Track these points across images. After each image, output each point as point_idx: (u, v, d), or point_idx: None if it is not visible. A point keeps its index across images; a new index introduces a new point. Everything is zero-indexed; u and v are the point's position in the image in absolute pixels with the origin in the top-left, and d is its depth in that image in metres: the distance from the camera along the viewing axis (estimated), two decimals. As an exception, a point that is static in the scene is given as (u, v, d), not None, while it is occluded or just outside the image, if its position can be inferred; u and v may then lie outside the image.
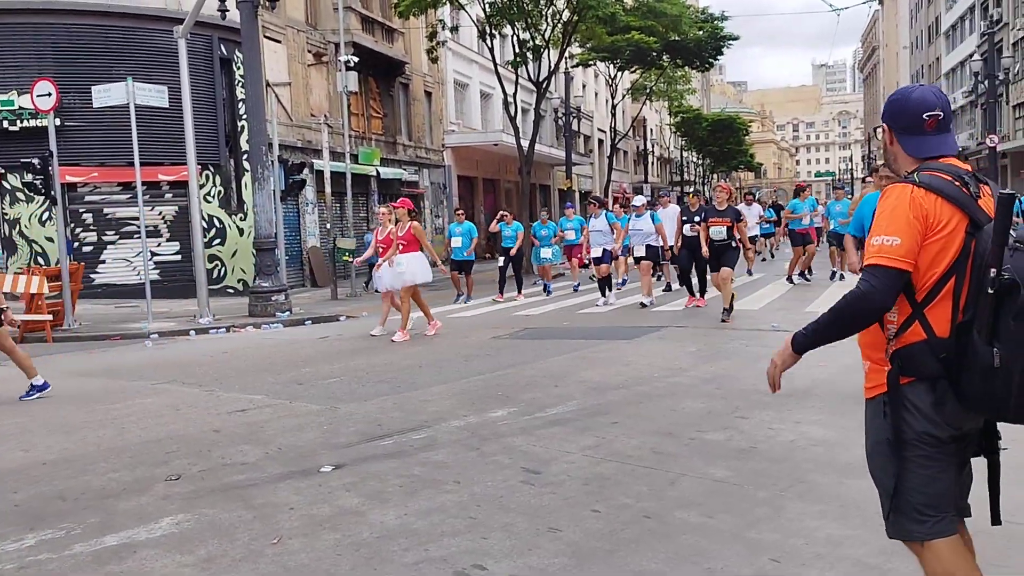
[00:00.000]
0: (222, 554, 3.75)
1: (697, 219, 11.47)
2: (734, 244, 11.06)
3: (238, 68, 19.41)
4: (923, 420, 2.27)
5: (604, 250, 13.80)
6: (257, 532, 4.01)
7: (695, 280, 12.79)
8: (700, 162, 77.31)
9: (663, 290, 15.55)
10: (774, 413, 5.91)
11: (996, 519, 2.41)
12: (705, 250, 11.14)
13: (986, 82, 33.22)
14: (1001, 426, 2.42)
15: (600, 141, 51.56)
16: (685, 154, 71.39)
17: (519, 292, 16.12)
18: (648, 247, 13.40)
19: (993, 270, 2.10)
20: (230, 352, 10.58)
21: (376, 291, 12.15)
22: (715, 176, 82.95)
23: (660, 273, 17.19)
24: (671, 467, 4.78)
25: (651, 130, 64.15)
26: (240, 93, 19.37)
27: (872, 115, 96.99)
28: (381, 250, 11.41)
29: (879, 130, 2.58)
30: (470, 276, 16.05)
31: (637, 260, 13.62)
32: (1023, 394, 2.09)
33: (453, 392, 7.23)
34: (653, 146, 64.25)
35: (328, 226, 20.56)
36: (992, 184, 2.35)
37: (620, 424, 5.83)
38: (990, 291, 2.10)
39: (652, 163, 64.04)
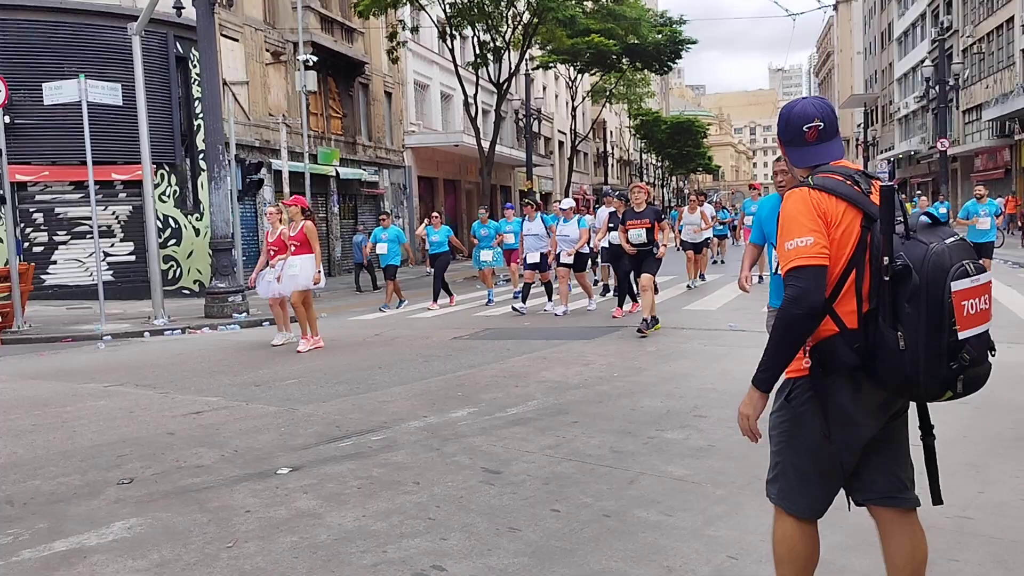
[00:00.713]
0: (176, 559, 3.68)
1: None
2: (656, 249, 10.21)
3: (194, 66, 19.12)
4: (831, 409, 2.38)
5: (541, 255, 13.02)
6: (212, 536, 3.94)
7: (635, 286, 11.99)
8: (659, 164, 77.96)
9: (600, 294, 15.01)
10: (732, 412, 5.94)
11: (937, 499, 2.51)
12: (630, 248, 10.34)
13: (937, 87, 33.91)
14: (953, 424, 2.47)
15: (560, 143, 51.74)
16: (644, 156, 71.95)
17: (434, 300, 14.61)
18: (578, 254, 12.53)
19: (886, 258, 2.24)
20: (185, 354, 10.40)
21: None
22: (674, 178, 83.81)
23: (596, 278, 16.50)
24: (630, 466, 4.80)
25: (611, 132, 64.58)
26: (196, 91, 19.11)
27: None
28: (272, 253, 10.30)
29: None
30: (395, 281, 14.96)
31: (562, 267, 12.61)
32: (930, 372, 2.21)
33: (413, 393, 7.18)
34: (613, 148, 64.67)
35: (286, 227, 20.32)
36: (881, 179, 2.48)
37: (580, 424, 5.84)
38: (886, 278, 2.23)
39: (612, 165, 64.45)
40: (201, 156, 18.83)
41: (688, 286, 15.77)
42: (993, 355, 2.33)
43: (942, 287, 2.16)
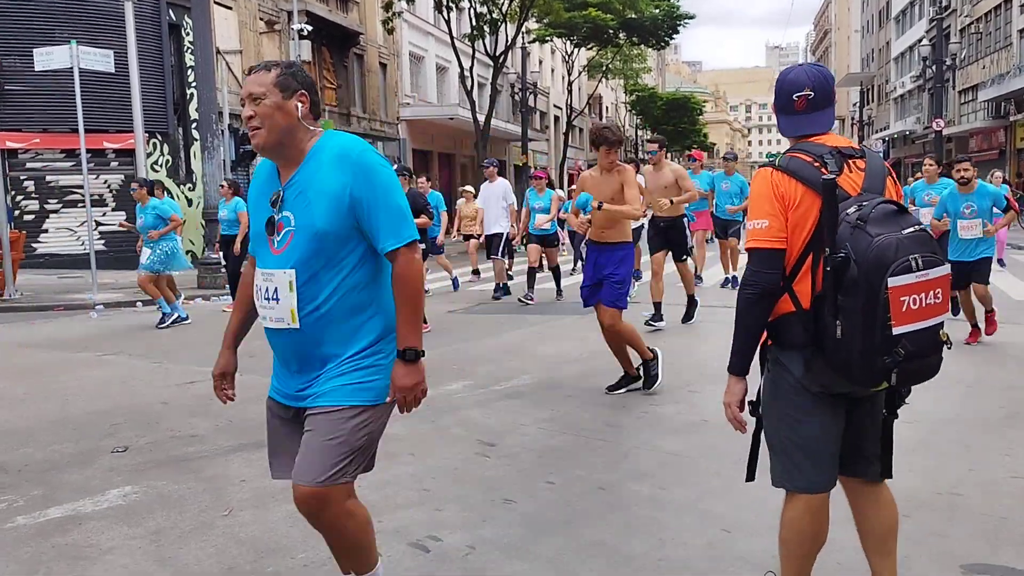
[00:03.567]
0: (172, 526, 3.69)
1: None
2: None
3: (187, 34, 18.91)
4: (793, 378, 2.44)
5: None
6: (207, 504, 3.95)
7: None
8: (655, 141, 77.69)
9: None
10: (725, 387, 5.98)
11: (887, 473, 2.57)
12: None
13: (933, 67, 33.84)
14: (945, 404, 2.47)
15: (556, 118, 51.48)
16: (640, 132, 71.68)
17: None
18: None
19: (828, 249, 2.25)
20: (178, 324, 10.37)
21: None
22: (669, 155, 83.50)
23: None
24: (624, 440, 4.82)
25: (607, 108, 64.32)
26: (189, 60, 18.90)
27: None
28: None
29: None
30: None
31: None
32: (865, 361, 2.23)
33: (407, 365, 7.17)
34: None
35: (280, 198, 20.21)
36: (871, 156, 2.45)
37: (574, 397, 5.86)
38: (827, 269, 2.25)
39: (607, 141, 64.13)
40: (194, 125, 18.66)
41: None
42: (948, 348, 2.33)
43: (879, 281, 2.16)
